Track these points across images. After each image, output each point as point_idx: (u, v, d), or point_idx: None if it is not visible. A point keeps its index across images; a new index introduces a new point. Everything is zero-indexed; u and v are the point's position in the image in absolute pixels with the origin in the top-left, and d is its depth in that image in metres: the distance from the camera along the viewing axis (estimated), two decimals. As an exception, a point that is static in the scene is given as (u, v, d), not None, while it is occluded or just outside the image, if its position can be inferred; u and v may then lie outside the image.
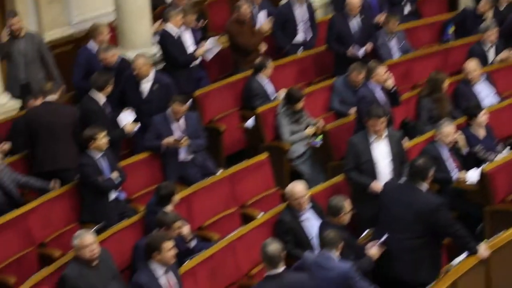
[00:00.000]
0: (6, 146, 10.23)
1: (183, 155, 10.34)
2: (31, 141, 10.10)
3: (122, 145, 10.72)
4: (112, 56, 11.12)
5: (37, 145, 10.04)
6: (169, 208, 8.87)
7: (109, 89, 10.37)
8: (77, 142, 9.98)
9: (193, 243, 8.69)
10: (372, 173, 9.19)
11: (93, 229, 8.75)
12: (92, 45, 11.56)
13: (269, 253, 7.37)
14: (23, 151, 10.30)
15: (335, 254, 7.81)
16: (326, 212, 8.54)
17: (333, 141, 10.78)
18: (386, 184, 8.69)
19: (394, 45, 12.63)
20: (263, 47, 12.42)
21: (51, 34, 12.96)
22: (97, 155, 9.51)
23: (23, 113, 10.66)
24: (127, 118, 10.53)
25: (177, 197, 9.00)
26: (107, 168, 9.54)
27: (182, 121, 10.34)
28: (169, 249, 7.56)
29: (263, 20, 12.91)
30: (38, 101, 10.43)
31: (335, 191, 9.30)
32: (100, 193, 9.44)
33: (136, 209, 9.61)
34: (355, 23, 12.30)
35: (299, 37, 12.73)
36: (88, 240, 7.89)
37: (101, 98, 10.33)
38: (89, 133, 9.49)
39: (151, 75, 10.87)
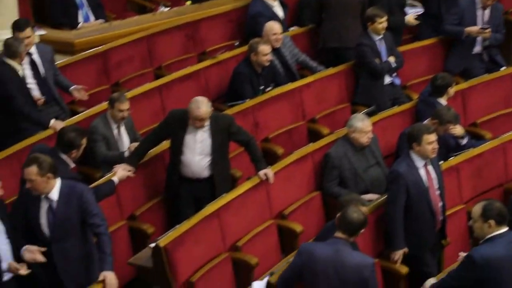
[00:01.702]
0: None
1: (478, 47, 9.89)
2: (320, 15, 10.14)
3: (405, 29, 10.48)
4: None
5: (326, 20, 10.05)
6: (442, 100, 8.63)
7: None
8: (362, 22, 9.90)
9: (464, 141, 8.41)
10: None
11: (363, 112, 8.73)
12: None
13: None
14: (308, 24, 10.38)
15: None
16: None
17: None
18: None
19: None
20: None
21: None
22: (376, 37, 9.38)
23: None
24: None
25: (452, 90, 8.71)
26: (384, 51, 9.39)
27: (487, 11, 9.83)
28: (429, 142, 7.29)
29: None
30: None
31: None
32: (375, 75, 9.34)
33: (410, 96, 9.45)
34: None
35: None
36: (370, 126, 7.93)
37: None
38: (371, 13, 9.36)
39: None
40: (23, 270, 6.32)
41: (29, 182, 6.41)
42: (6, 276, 6.40)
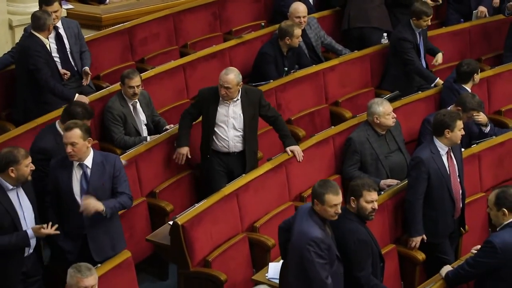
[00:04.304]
0: None
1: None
2: None
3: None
4: None
5: (352, 2, 10.03)
6: (467, 86, 8.56)
7: None
8: (387, 5, 9.91)
9: (487, 128, 8.35)
10: None
11: (386, 96, 8.69)
12: None
13: None
14: (335, 7, 10.35)
15: None
16: None
17: None
18: None
19: None
20: None
21: None
22: (417, 30, 9.27)
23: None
24: None
25: (477, 77, 8.64)
26: (421, 43, 9.31)
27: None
28: (460, 128, 7.27)
29: None
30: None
31: None
32: (409, 71, 9.25)
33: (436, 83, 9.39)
34: None
35: None
36: (390, 107, 7.88)
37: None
38: (418, 9, 9.19)
39: None
40: (48, 229, 6.23)
41: (70, 146, 6.42)
42: (26, 252, 6.41)
